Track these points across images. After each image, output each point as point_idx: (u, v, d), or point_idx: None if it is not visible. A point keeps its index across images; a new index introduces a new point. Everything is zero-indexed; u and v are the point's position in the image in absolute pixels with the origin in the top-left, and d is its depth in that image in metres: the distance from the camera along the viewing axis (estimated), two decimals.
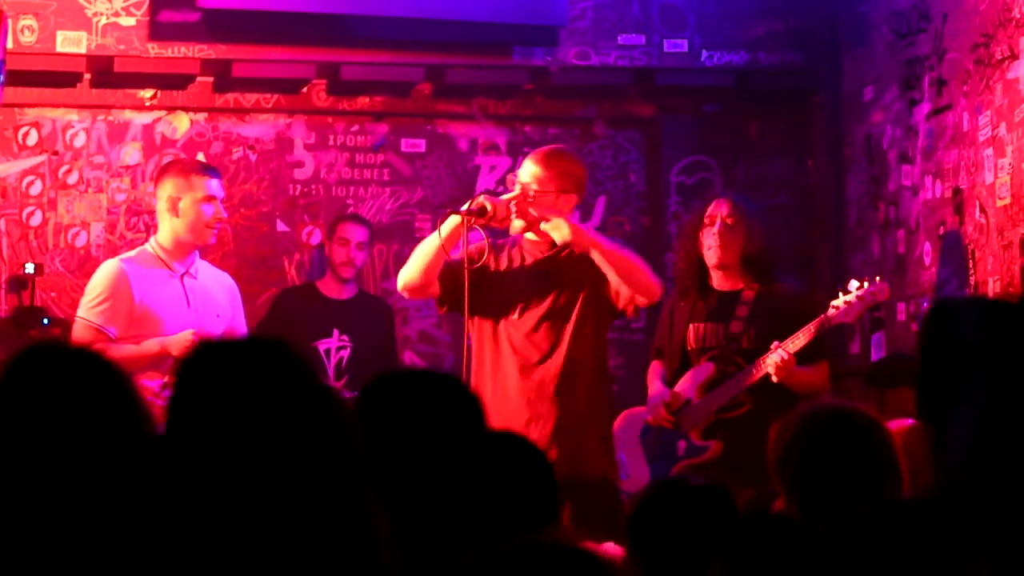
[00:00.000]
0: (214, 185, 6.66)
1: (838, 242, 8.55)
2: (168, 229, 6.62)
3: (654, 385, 6.75)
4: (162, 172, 6.83)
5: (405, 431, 2.89)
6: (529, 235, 6.27)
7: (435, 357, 8.56)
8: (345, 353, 7.93)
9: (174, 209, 6.58)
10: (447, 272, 6.19)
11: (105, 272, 6.61)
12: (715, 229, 6.63)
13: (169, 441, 2.41)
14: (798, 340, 6.33)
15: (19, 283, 7.96)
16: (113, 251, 8.18)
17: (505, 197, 6.23)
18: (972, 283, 7.16)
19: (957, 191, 7.35)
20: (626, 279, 6.13)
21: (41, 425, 2.58)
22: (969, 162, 7.25)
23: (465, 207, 6.11)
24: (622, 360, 8.69)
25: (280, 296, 8.20)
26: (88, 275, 8.09)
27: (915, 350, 3.22)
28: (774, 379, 6.31)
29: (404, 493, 2.86)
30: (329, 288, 8.08)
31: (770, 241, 6.78)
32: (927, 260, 7.62)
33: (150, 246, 6.68)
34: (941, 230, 7.49)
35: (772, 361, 6.31)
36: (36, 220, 8.18)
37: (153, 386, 6.10)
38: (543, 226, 6.14)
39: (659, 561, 3.67)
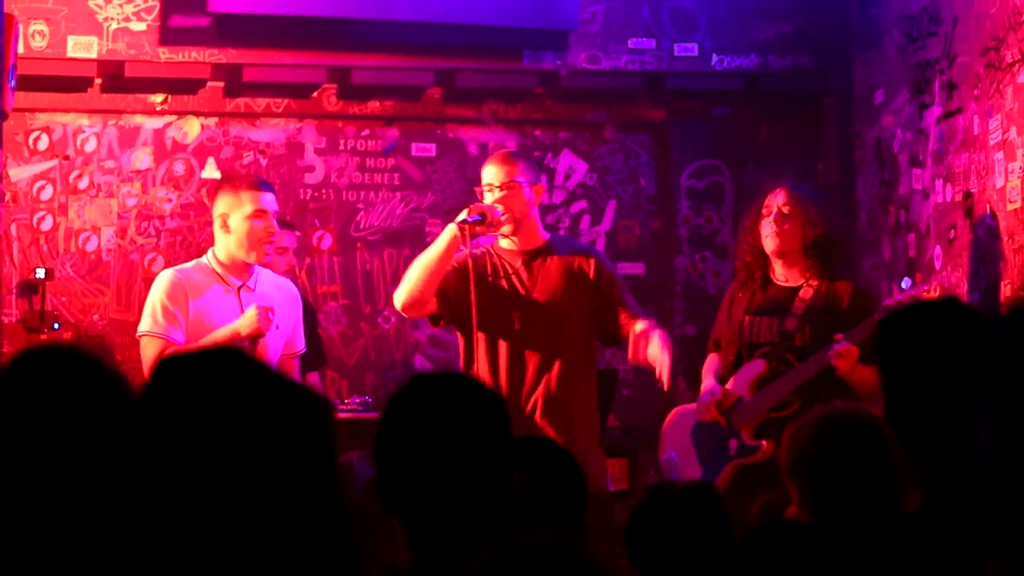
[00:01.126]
0: (265, 199, 6.45)
1: (848, 246, 8.53)
2: (222, 245, 6.47)
3: (707, 380, 6.70)
4: (216, 188, 6.72)
5: (433, 435, 2.89)
6: (504, 243, 6.30)
7: (446, 361, 8.56)
8: None
9: (225, 226, 6.45)
10: (442, 286, 6.21)
11: (160, 282, 6.41)
12: (772, 218, 6.58)
13: (138, 452, 2.41)
14: (859, 335, 6.22)
15: (30, 288, 7.98)
16: (124, 256, 8.20)
17: (493, 201, 6.24)
18: (982, 287, 7.15)
19: (968, 195, 7.34)
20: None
21: (33, 428, 2.58)
22: (980, 166, 7.24)
23: (463, 217, 6.13)
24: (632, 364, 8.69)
25: None
26: (98, 280, 8.14)
27: (879, 358, 3.20)
28: (837, 372, 6.22)
29: (429, 497, 2.86)
30: None
31: (831, 229, 6.68)
32: (938, 264, 7.61)
33: (207, 259, 6.50)
34: (952, 234, 7.48)
35: (835, 352, 6.22)
36: (47, 225, 8.19)
37: None
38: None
39: (655, 563, 3.68)
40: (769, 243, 6.56)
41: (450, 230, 6.17)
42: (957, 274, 7.41)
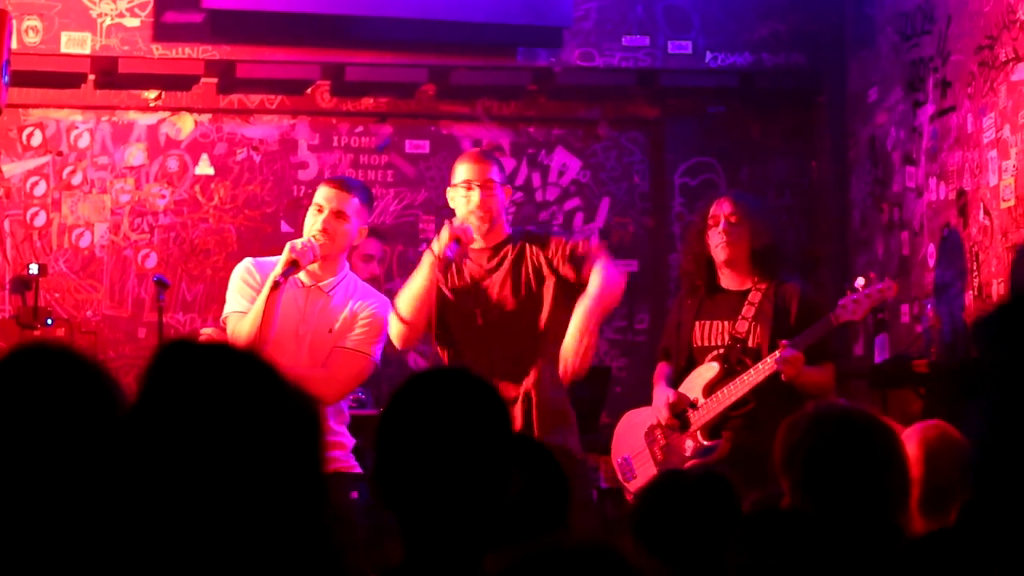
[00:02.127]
0: (327, 194, 6.31)
1: (842, 243, 8.55)
2: None
3: (659, 386, 6.75)
4: None
5: (434, 431, 2.89)
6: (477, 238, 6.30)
7: (436, 357, 8.55)
8: None
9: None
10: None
11: (236, 269, 6.35)
12: (720, 228, 6.63)
13: (128, 442, 2.41)
14: (809, 338, 6.32)
15: (23, 283, 7.97)
16: (117, 252, 8.19)
17: (468, 205, 6.23)
18: (976, 285, 7.15)
19: (961, 193, 7.35)
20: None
21: (19, 427, 2.58)
22: (973, 164, 7.25)
23: (441, 249, 6.10)
24: (625, 361, 8.71)
25: None
26: (91, 276, 8.14)
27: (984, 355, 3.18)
28: (783, 378, 6.30)
29: (427, 493, 2.86)
30: None
31: (776, 236, 6.78)
32: (931, 262, 7.62)
33: None
34: (945, 232, 7.49)
35: (781, 359, 6.30)
36: (40, 221, 8.19)
37: None
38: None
39: (666, 552, 3.68)
40: (719, 253, 6.63)
41: (428, 262, 6.16)
42: (950, 272, 7.41)
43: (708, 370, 6.57)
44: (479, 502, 2.88)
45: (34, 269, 7.91)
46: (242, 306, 6.12)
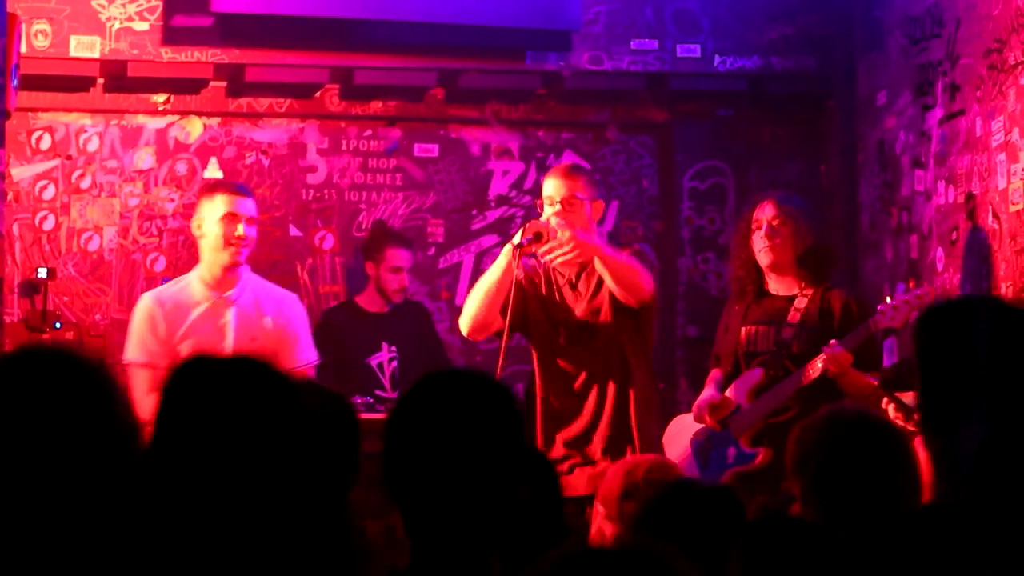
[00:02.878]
0: (238, 202, 6.52)
1: (851, 247, 8.53)
2: (203, 254, 6.60)
3: (707, 390, 6.74)
4: (197, 199, 6.81)
5: (446, 431, 2.89)
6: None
7: (447, 362, 8.55)
8: (396, 364, 7.94)
9: (199, 229, 6.56)
10: (506, 305, 6.29)
11: (138, 310, 6.63)
12: (763, 232, 6.62)
13: (153, 455, 2.41)
14: (851, 342, 6.29)
15: (32, 287, 7.97)
16: (126, 256, 8.20)
17: (550, 217, 6.26)
18: (985, 288, 7.14)
19: (970, 196, 7.34)
20: (618, 282, 6.21)
21: (23, 429, 2.58)
22: (982, 167, 7.23)
23: (518, 239, 6.16)
24: None
25: (325, 317, 8.18)
26: (100, 279, 8.15)
27: (914, 358, 3.20)
28: (829, 373, 6.26)
29: (437, 493, 2.86)
30: (370, 303, 8.09)
31: (821, 238, 6.75)
32: (940, 266, 7.61)
33: (194, 272, 6.64)
34: (954, 235, 7.48)
35: (828, 356, 6.26)
36: (49, 224, 8.19)
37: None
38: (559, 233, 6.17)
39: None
40: (763, 257, 6.62)
41: (506, 252, 6.22)
42: (959, 276, 7.40)
43: (752, 376, 6.55)
44: (488, 504, 2.87)
45: (43, 273, 7.91)
46: (145, 357, 6.28)
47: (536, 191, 8.50)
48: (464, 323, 6.40)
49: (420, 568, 2.86)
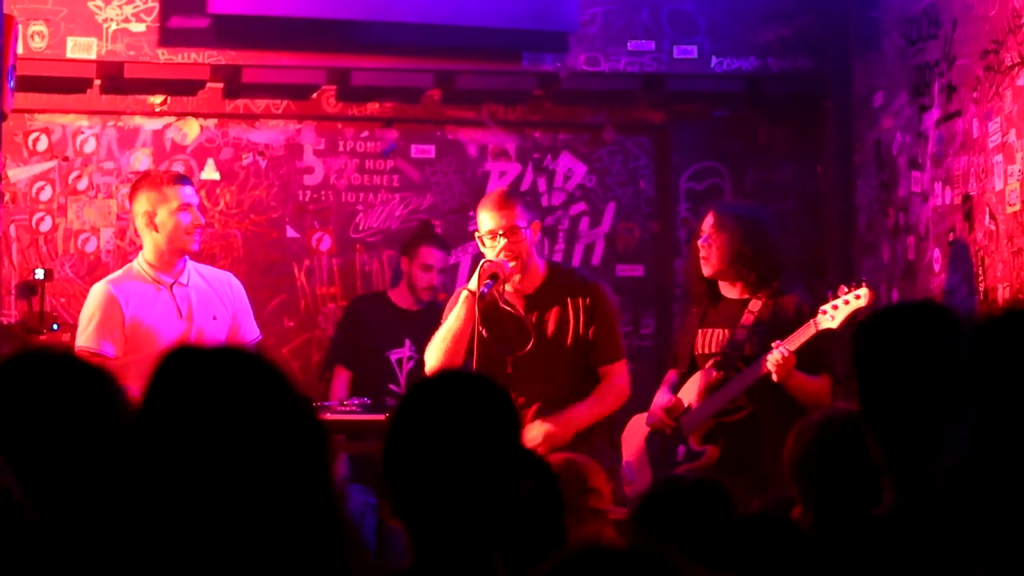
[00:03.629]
0: (187, 192, 6.76)
1: (847, 248, 8.54)
2: (151, 244, 6.75)
3: (660, 391, 6.83)
4: (133, 189, 6.94)
5: (444, 434, 2.89)
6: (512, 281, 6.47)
7: None
8: (413, 363, 7.96)
9: (151, 223, 6.71)
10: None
11: (92, 297, 6.77)
12: (702, 240, 6.73)
13: (137, 445, 2.41)
14: (794, 342, 6.36)
15: (29, 288, 7.98)
16: (123, 257, 8.20)
17: (495, 253, 6.35)
18: (981, 290, 7.15)
19: (967, 198, 7.34)
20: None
21: (24, 429, 2.59)
22: (979, 168, 7.24)
23: (476, 284, 6.27)
24: (631, 366, 8.68)
25: (353, 304, 8.24)
26: (97, 280, 8.14)
27: (852, 363, 3.21)
28: (773, 377, 6.35)
29: (437, 497, 2.86)
30: (402, 299, 8.11)
31: (760, 244, 6.80)
32: (936, 267, 7.61)
33: (136, 263, 6.79)
34: (951, 236, 7.48)
35: (772, 359, 6.35)
36: (46, 226, 8.19)
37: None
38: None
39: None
40: (704, 267, 6.75)
41: (464, 299, 6.27)
42: (956, 277, 7.40)
43: (704, 376, 6.62)
44: (489, 504, 2.87)
45: (40, 274, 7.91)
46: (94, 345, 6.48)
47: (533, 192, 8.53)
48: (430, 370, 6.43)
49: (422, 569, 2.86)
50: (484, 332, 6.32)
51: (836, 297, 6.46)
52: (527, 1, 8.20)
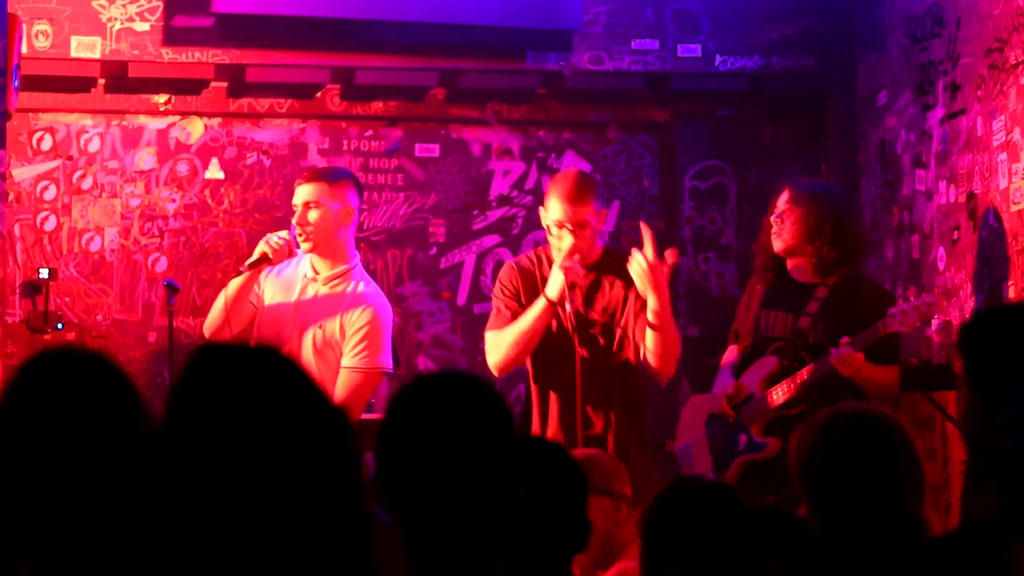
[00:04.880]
0: (299, 190, 6.57)
1: (863, 238, 8.51)
2: None
3: (722, 373, 6.73)
4: None
5: (436, 434, 2.89)
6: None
7: (449, 361, 8.56)
8: None
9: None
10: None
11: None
12: (775, 217, 6.60)
13: (165, 444, 2.42)
14: (860, 343, 6.23)
15: (33, 288, 7.98)
16: (127, 256, 8.20)
17: (567, 245, 6.24)
18: (986, 288, 7.14)
19: (971, 196, 7.34)
20: (663, 345, 6.21)
21: (48, 430, 2.59)
22: (983, 167, 7.24)
23: (556, 293, 6.20)
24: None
25: None
26: (102, 280, 8.15)
27: (960, 360, 3.21)
28: (840, 372, 6.24)
29: (431, 497, 2.86)
30: None
31: (832, 222, 6.62)
32: (941, 265, 7.61)
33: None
34: (955, 235, 7.48)
35: (836, 357, 6.24)
36: (50, 225, 8.19)
37: None
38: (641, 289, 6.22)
39: (670, 559, 3.68)
40: (775, 242, 6.58)
41: (542, 306, 6.21)
42: (960, 276, 7.40)
43: (767, 363, 6.52)
44: (483, 506, 2.87)
45: (44, 273, 7.92)
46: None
47: (537, 191, 8.52)
48: (495, 366, 6.37)
49: (419, 570, 2.86)
50: (576, 339, 6.28)
51: (907, 301, 6.38)
52: (531, 0, 8.20)
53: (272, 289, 6.50)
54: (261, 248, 6.43)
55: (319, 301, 6.43)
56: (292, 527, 2.36)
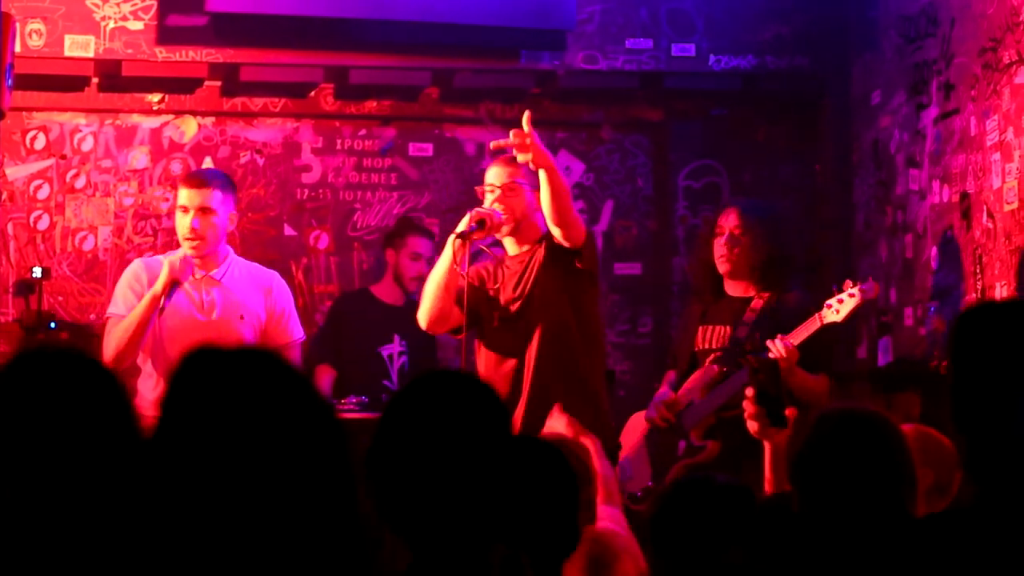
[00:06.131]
0: (183, 195, 6.69)
1: (846, 246, 8.54)
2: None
3: (661, 388, 6.82)
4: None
5: (431, 433, 2.89)
6: (508, 246, 6.43)
7: (444, 361, 8.56)
8: (405, 358, 7.95)
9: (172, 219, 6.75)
10: (461, 299, 6.30)
11: (126, 270, 6.75)
12: (723, 239, 6.71)
13: (158, 447, 2.41)
14: (799, 336, 6.36)
15: (26, 287, 7.97)
16: (120, 255, 8.20)
17: (490, 203, 6.34)
18: (979, 288, 7.15)
19: (964, 196, 7.34)
20: (556, 205, 6.16)
21: (33, 429, 2.59)
22: (977, 167, 7.24)
23: (462, 227, 6.20)
24: (629, 365, 8.71)
25: (338, 302, 8.23)
26: (95, 279, 8.14)
27: (947, 358, 3.21)
28: (780, 365, 6.29)
29: (427, 499, 2.85)
30: (386, 293, 8.09)
31: (783, 248, 6.82)
32: (934, 264, 7.61)
33: (181, 250, 6.73)
34: (948, 234, 7.48)
35: (775, 350, 6.34)
36: (44, 224, 8.19)
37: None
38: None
39: (682, 560, 3.68)
40: (721, 264, 6.73)
41: (451, 242, 6.25)
42: (954, 275, 7.40)
43: (708, 372, 6.62)
44: (479, 503, 2.87)
45: (37, 272, 7.91)
46: (122, 311, 6.47)
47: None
48: (422, 317, 6.45)
49: (419, 571, 2.86)
50: (492, 296, 6.32)
51: (841, 292, 6.47)
52: None
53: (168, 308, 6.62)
54: (164, 277, 6.54)
55: (223, 295, 6.62)
56: (286, 528, 2.36)
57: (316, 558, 2.38)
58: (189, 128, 8.39)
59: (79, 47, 8.00)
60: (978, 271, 7.16)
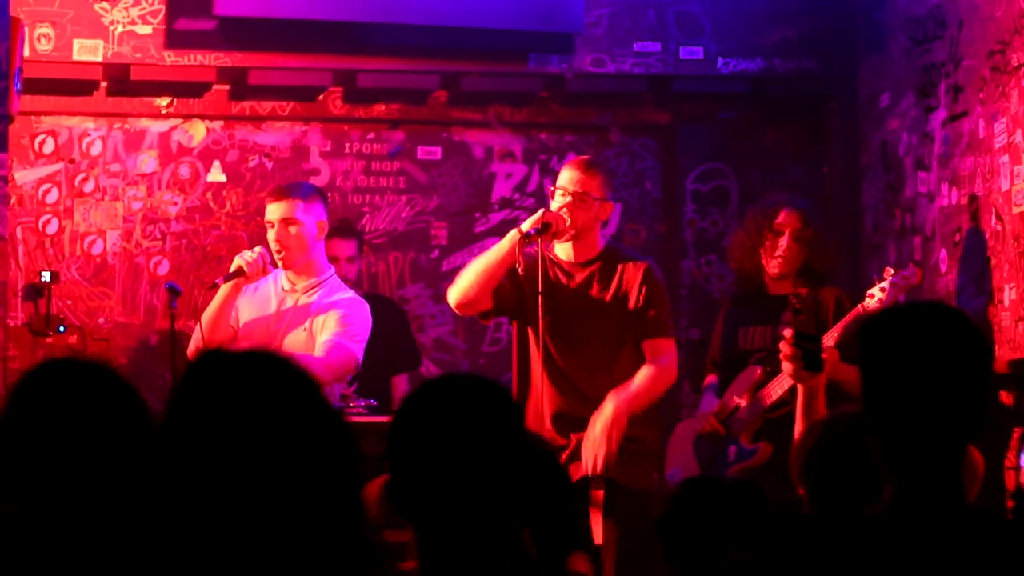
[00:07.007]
0: (268, 210, 6.65)
1: (854, 249, 8.53)
2: None
3: (705, 395, 6.78)
4: None
5: (447, 436, 2.89)
6: (560, 249, 6.40)
7: (451, 364, 8.56)
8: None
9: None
10: (500, 287, 6.29)
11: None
12: (785, 240, 6.63)
13: (166, 447, 2.42)
14: (838, 331, 6.27)
15: (35, 291, 7.99)
16: (129, 259, 8.21)
17: (557, 207, 6.29)
18: (988, 290, 7.14)
19: (973, 198, 7.34)
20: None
21: (51, 437, 2.60)
22: (985, 169, 7.23)
23: (528, 225, 6.20)
24: None
25: None
26: (103, 283, 8.16)
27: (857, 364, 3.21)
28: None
29: (443, 499, 2.86)
30: None
31: (834, 251, 6.77)
32: (943, 267, 7.61)
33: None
34: (957, 237, 7.48)
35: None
36: (52, 228, 8.20)
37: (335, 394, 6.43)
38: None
39: (692, 560, 3.68)
40: (775, 266, 6.64)
41: (512, 237, 6.21)
42: (962, 278, 7.40)
43: (751, 374, 6.55)
44: (494, 505, 2.87)
45: (46, 276, 7.93)
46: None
47: (539, 193, 8.53)
48: (453, 295, 6.39)
49: (429, 569, 2.86)
50: (521, 272, 6.28)
51: (882, 280, 6.40)
52: (533, 3, 8.20)
53: (248, 308, 6.65)
54: (236, 263, 6.51)
55: (300, 309, 6.58)
56: (292, 529, 2.36)
57: (319, 560, 2.38)
58: (198, 132, 8.40)
59: (88, 51, 8.01)
60: (987, 273, 7.16)
